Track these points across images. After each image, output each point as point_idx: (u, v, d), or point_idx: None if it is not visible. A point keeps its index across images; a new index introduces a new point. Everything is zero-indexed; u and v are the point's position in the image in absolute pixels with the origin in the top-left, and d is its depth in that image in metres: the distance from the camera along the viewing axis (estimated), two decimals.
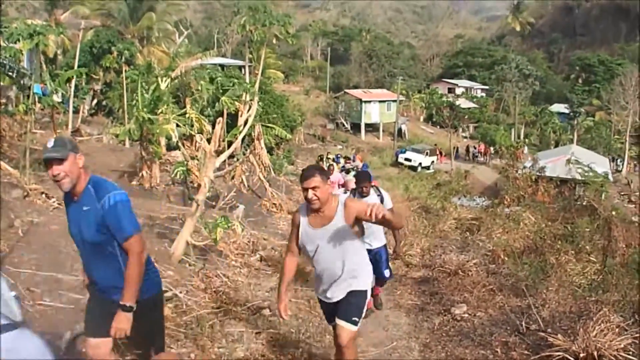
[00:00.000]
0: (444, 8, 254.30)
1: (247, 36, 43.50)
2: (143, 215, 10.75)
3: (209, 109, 23.35)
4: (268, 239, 12.06)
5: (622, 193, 39.41)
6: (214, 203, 14.50)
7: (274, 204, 18.71)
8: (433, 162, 53.42)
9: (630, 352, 5.85)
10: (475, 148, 61.11)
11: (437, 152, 56.37)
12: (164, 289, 6.81)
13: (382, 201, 7.58)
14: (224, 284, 7.96)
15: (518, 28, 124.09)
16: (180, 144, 10.11)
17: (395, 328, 7.76)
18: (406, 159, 51.50)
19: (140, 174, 15.91)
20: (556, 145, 64.42)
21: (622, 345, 5.89)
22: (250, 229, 12.21)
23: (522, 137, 66.40)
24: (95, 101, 37.35)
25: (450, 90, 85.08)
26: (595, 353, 5.81)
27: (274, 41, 43.64)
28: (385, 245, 8.21)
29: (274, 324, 6.85)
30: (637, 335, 6.13)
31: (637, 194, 42.25)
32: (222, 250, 9.71)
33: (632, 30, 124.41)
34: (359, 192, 7.67)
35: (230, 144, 16.90)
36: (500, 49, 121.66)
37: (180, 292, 6.90)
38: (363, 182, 7.68)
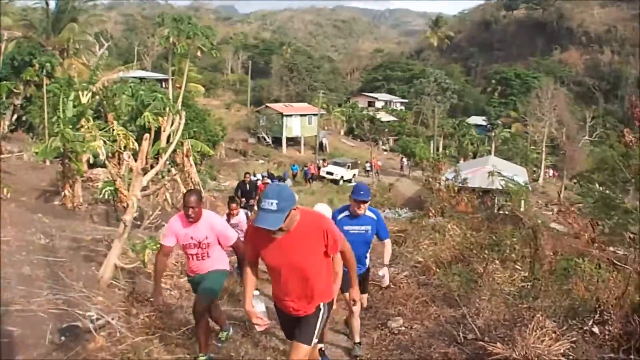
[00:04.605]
0: (365, 23, 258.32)
1: (170, 48, 43.03)
2: (68, 237, 10.42)
3: (132, 124, 22.92)
4: None
5: (549, 203, 40.86)
6: (139, 222, 14.20)
7: None
8: (355, 175, 53.80)
9: (571, 357, 5.99)
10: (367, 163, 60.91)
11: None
12: (96, 316, 6.67)
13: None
14: (155, 309, 7.74)
15: (436, 43, 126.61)
16: (107, 161, 9.82)
17: (333, 346, 7.66)
18: (328, 173, 51.81)
19: (63, 193, 15.44)
20: (474, 157, 66.01)
21: (561, 351, 5.99)
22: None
23: (440, 149, 67.59)
24: (15, 116, 36.08)
25: (370, 104, 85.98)
26: (535, 359, 5.91)
27: (198, 54, 43.22)
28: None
29: (211, 348, 6.71)
30: (574, 339, 6.24)
31: (555, 201, 43.78)
32: (150, 272, 9.48)
33: (548, 45, 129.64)
34: None
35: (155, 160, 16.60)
36: (419, 63, 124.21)
37: (113, 319, 6.68)
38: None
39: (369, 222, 7.00)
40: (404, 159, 62.18)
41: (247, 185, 18.43)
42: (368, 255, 7.30)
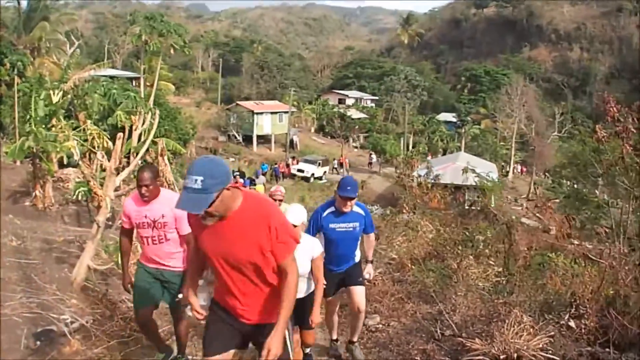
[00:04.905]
0: (336, 20, 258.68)
1: (142, 46, 42.68)
2: (39, 238, 10.27)
3: (104, 123, 22.65)
4: None
5: (518, 198, 41.44)
6: (110, 223, 14.04)
7: None
8: (325, 172, 53.91)
9: (550, 352, 5.98)
10: (335, 160, 60.82)
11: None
12: (70, 320, 6.56)
13: None
14: (130, 310, 7.61)
15: (407, 40, 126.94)
16: (80, 161, 9.67)
17: None
18: (299, 170, 51.94)
19: (34, 194, 15.22)
20: (444, 153, 66.32)
21: (540, 345, 5.99)
22: None
23: (411, 146, 67.74)
24: None
25: (341, 101, 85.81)
26: (514, 355, 5.90)
27: (171, 51, 42.92)
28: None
29: (188, 351, 6.64)
30: (552, 334, 6.26)
31: (524, 196, 44.45)
32: None
33: (517, 43, 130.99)
34: None
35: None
36: (390, 60, 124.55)
37: (87, 322, 6.59)
38: None
39: (357, 219, 6.47)
40: (373, 155, 62.17)
41: None
42: (357, 252, 6.88)
